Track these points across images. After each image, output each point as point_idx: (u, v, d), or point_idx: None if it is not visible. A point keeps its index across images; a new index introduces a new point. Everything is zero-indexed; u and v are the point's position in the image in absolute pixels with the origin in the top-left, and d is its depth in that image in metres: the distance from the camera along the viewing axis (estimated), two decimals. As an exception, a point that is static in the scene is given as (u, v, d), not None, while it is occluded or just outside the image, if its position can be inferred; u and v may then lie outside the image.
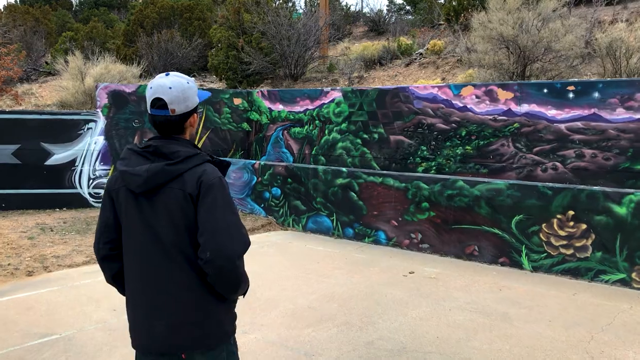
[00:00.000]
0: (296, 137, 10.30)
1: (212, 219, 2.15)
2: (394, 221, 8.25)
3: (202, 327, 2.25)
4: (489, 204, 7.35)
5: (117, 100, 10.52)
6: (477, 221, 7.47)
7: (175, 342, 2.24)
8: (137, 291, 2.30)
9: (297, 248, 8.21)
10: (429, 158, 8.71)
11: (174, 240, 2.20)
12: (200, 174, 2.20)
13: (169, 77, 2.27)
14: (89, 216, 9.76)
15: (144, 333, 2.29)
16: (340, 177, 8.79)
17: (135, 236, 2.26)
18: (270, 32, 15.90)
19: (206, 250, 2.13)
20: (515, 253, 7.18)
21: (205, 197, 2.17)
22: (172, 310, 2.23)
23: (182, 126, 2.30)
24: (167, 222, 2.20)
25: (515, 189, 7.15)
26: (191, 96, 2.29)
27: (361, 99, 9.40)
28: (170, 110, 2.23)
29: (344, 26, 25.30)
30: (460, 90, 8.44)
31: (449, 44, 14.57)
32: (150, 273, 2.25)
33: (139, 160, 2.23)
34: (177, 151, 2.22)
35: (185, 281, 2.22)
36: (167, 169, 2.18)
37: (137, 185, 2.19)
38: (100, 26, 29.07)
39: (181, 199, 2.18)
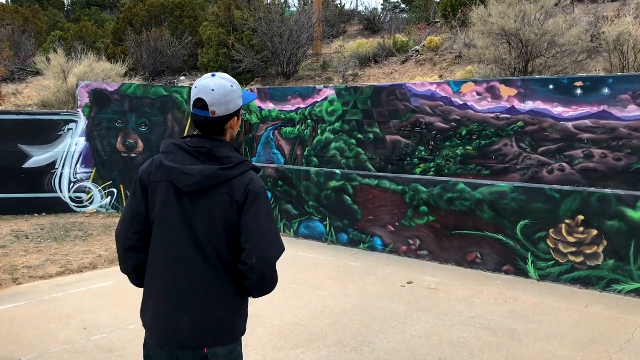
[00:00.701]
0: (288, 137, 9.80)
1: (259, 228, 2.23)
2: (390, 226, 7.76)
3: (225, 324, 2.32)
4: (492, 208, 6.87)
5: (99, 99, 10.01)
6: (479, 226, 6.99)
7: (198, 336, 2.28)
8: (165, 284, 2.31)
9: (288, 256, 7.66)
10: (428, 159, 8.23)
11: (212, 240, 2.25)
12: (248, 181, 2.26)
13: (214, 78, 2.29)
14: (69, 222, 9.24)
15: (167, 326, 2.30)
16: (333, 180, 8.30)
17: (171, 231, 2.28)
18: (261, 29, 15.39)
19: (252, 257, 2.20)
20: (520, 261, 6.70)
21: (252, 206, 2.23)
22: (199, 306, 2.27)
23: (222, 128, 2.34)
24: (208, 223, 2.24)
25: (520, 192, 6.67)
26: (234, 99, 2.31)
27: (355, 97, 8.91)
28: (210, 112, 2.26)
29: (339, 25, 24.82)
30: (460, 87, 7.96)
31: (446, 40, 14.09)
32: (180, 268, 2.27)
33: (187, 158, 2.27)
34: (229, 157, 2.27)
35: (215, 280, 2.27)
36: (220, 173, 2.23)
37: (188, 184, 2.22)
38: (90, 25, 28.53)
39: (227, 204, 2.23)
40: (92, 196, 10.07)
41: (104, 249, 7.63)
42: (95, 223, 9.21)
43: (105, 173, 10.09)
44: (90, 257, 7.28)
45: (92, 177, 10.05)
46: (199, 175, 2.21)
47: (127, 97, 10.10)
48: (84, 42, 26.45)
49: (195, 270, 2.27)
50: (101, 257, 7.27)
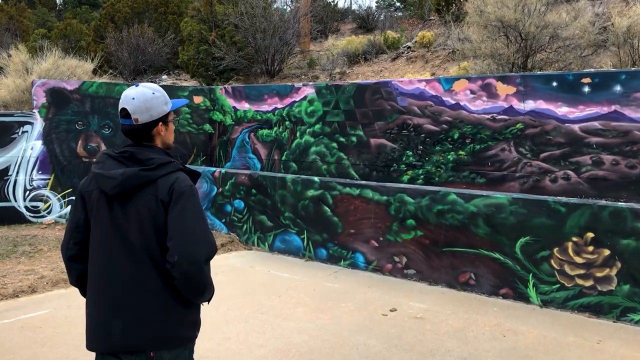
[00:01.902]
0: (264, 140, 8.93)
1: (181, 225, 2.22)
2: (374, 241, 6.89)
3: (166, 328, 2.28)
4: (487, 223, 6.01)
5: (57, 99, 9.10)
6: (473, 243, 6.13)
7: (132, 341, 2.26)
8: (100, 290, 2.33)
9: (258, 275, 6.83)
10: (416, 165, 7.37)
11: (142, 243, 2.26)
12: (172, 181, 2.28)
13: (137, 87, 2.37)
14: (21, 235, 8.34)
15: (102, 332, 2.31)
16: (311, 188, 7.43)
17: (103, 237, 2.32)
18: (243, 25, 14.51)
19: (174, 254, 2.19)
20: (520, 283, 5.83)
21: (176, 204, 2.24)
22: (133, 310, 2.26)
23: (149, 134, 2.38)
24: (137, 225, 2.26)
25: (520, 204, 5.81)
26: (155, 106, 2.36)
27: (337, 96, 8.04)
28: (133, 119, 2.33)
29: (331, 23, 23.97)
30: (452, 84, 7.10)
31: (439, 36, 13.23)
32: (116, 273, 2.29)
33: (114, 165, 2.32)
34: (151, 158, 2.31)
35: (149, 283, 2.26)
36: (141, 174, 2.26)
37: (112, 187, 2.26)
38: (75, 23, 27.60)
39: (153, 204, 2.26)
40: (50, 205, 9.18)
41: (50, 268, 6.75)
42: (49, 236, 8.32)
43: (64, 180, 9.20)
44: (32, 278, 6.39)
45: (49, 185, 9.15)
46: (120, 177, 2.25)
47: (89, 96, 9.21)
48: (69, 40, 25.52)
49: (129, 275, 2.27)
50: (43, 279, 6.38)
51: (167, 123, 2.44)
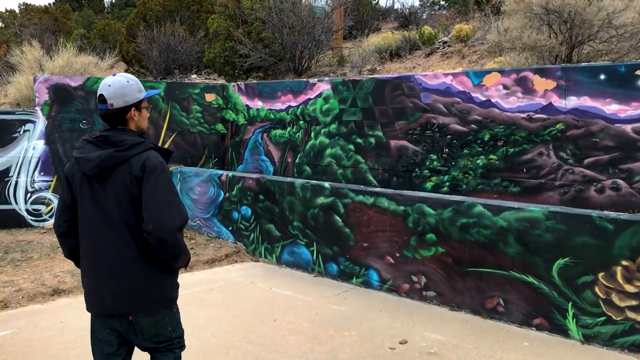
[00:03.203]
0: (277, 141, 8.18)
1: (154, 197, 2.48)
2: (389, 257, 6.04)
3: (145, 294, 2.57)
4: (519, 240, 5.09)
5: (61, 96, 8.58)
6: (502, 263, 5.22)
7: (120, 305, 2.56)
8: (90, 262, 2.61)
9: (258, 292, 6.07)
10: (441, 170, 6.49)
11: (120, 216, 2.54)
12: (144, 159, 2.53)
13: (114, 77, 2.64)
14: (16, 240, 7.83)
15: (95, 298, 2.62)
16: (321, 195, 6.63)
17: (88, 213, 2.58)
18: (271, 21, 13.82)
19: (149, 224, 2.45)
20: (557, 313, 4.89)
21: (149, 179, 2.49)
22: (118, 279, 2.55)
23: (123, 118, 2.64)
24: (115, 201, 2.53)
25: (557, 219, 4.87)
26: (130, 93, 2.62)
27: (354, 93, 7.22)
28: (109, 104, 2.59)
29: (372, 21, 23.10)
30: (482, 78, 6.18)
31: (478, 29, 12.21)
32: (101, 245, 2.57)
33: (92, 148, 2.57)
34: (124, 139, 2.56)
35: (130, 253, 2.55)
36: (115, 154, 2.52)
37: (90, 168, 2.52)
38: (112, 23, 27.60)
39: (127, 181, 2.51)
40: (52, 208, 8.66)
41: (32, 279, 6.16)
42: (45, 242, 7.77)
43: (67, 182, 8.65)
44: (8, 290, 5.81)
45: (52, 187, 8.64)
46: (97, 159, 2.51)
47: (94, 93, 8.64)
48: (107, 40, 25.46)
49: (110, 245, 2.55)
50: (20, 292, 5.79)
51: (140, 109, 2.69)
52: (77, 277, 6.28)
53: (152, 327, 2.62)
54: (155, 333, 2.65)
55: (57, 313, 5.37)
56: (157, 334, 2.66)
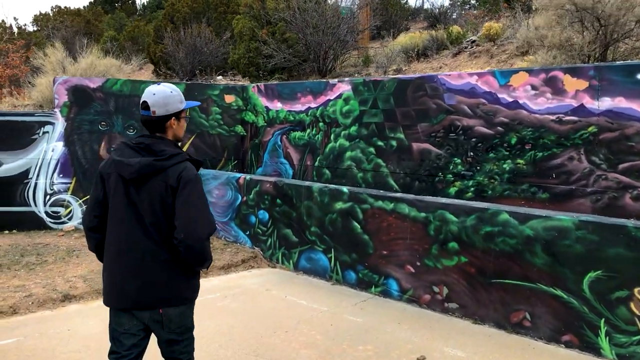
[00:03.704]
0: (296, 143, 7.96)
1: (187, 208, 2.66)
2: (409, 266, 5.77)
3: (168, 291, 2.76)
4: (547, 251, 4.76)
5: (80, 97, 8.51)
6: (529, 275, 4.90)
7: (144, 299, 2.75)
8: (118, 258, 2.78)
9: (272, 301, 5.85)
10: (465, 175, 6.18)
11: (152, 220, 2.72)
12: (181, 170, 2.70)
13: (158, 86, 2.83)
14: (34, 243, 7.77)
15: (118, 292, 2.79)
16: (339, 200, 6.38)
17: (121, 213, 2.75)
18: (294, 21, 13.62)
19: (181, 232, 2.64)
20: (588, 329, 4.56)
21: (183, 189, 2.67)
22: (144, 275, 2.73)
23: (163, 126, 2.82)
24: (148, 205, 2.71)
25: (589, 229, 4.53)
26: (172, 103, 2.80)
27: (375, 94, 6.95)
28: (151, 111, 2.77)
29: (401, 21, 22.73)
30: (508, 78, 5.86)
31: (507, 28, 11.81)
32: (131, 244, 2.74)
33: (131, 153, 2.74)
34: (164, 150, 2.73)
35: (157, 253, 2.73)
36: (154, 163, 2.69)
37: (129, 173, 2.70)
38: (142, 26, 27.79)
39: (163, 189, 2.69)
40: (71, 211, 8.60)
41: (43, 284, 6.05)
42: (62, 245, 7.70)
43: (86, 184, 8.59)
44: (19, 295, 5.70)
45: (71, 189, 8.57)
46: (137, 165, 2.68)
47: (113, 94, 8.57)
48: (136, 42, 25.64)
49: (141, 245, 2.73)
50: (30, 297, 5.68)
51: (179, 119, 2.87)
52: (88, 282, 6.16)
53: (179, 317, 2.82)
54: (180, 324, 2.85)
55: (65, 320, 5.24)
56: (182, 324, 2.86)
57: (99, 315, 5.35)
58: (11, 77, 15.35)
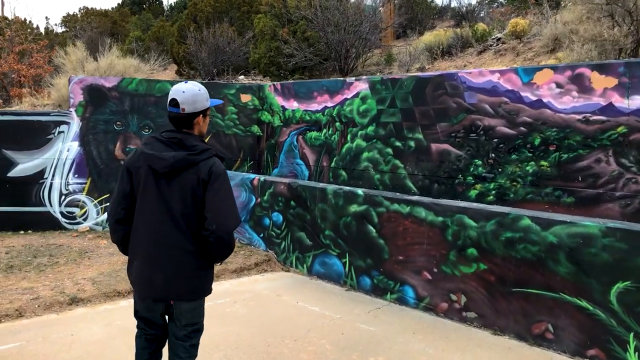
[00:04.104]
0: (313, 144, 7.75)
1: (218, 201, 2.79)
2: (426, 272, 5.51)
3: (192, 282, 2.89)
4: (571, 259, 4.47)
5: (95, 97, 8.43)
6: (552, 284, 4.61)
7: (169, 291, 2.85)
8: (145, 249, 2.88)
9: (282, 307, 5.65)
10: (487, 177, 5.90)
11: (182, 211, 2.82)
12: (211, 164, 2.84)
13: (187, 84, 2.93)
14: (47, 243, 7.70)
15: (146, 283, 2.89)
16: (354, 203, 6.16)
17: (150, 206, 2.86)
18: (317, 20, 13.42)
19: (212, 223, 2.75)
20: (615, 344, 4.25)
21: (214, 183, 2.80)
22: (171, 266, 2.83)
23: (190, 122, 2.92)
24: (179, 198, 2.82)
25: (617, 236, 4.23)
26: (200, 100, 2.91)
27: (393, 92, 6.70)
28: (181, 109, 2.87)
29: (427, 20, 22.34)
30: (532, 76, 5.56)
31: (534, 24, 11.42)
32: (160, 236, 2.84)
33: (162, 147, 2.86)
34: (196, 145, 2.85)
35: (186, 245, 2.84)
36: (188, 158, 2.81)
37: (162, 166, 2.80)
38: (167, 26, 27.89)
39: (195, 182, 2.81)
40: (86, 211, 8.53)
41: (53, 286, 5.95)
42: (75, 246, 7.61)
43: (101, 184, 8.51)
44: (26, 298, 5.60)
45: (86, 189, 8.50)
46: (171, 159, 2.80)
47: (128, 94, 8.47)
48: (161, 42, 25.72)
49: (168, 236, 2.83)
50: (38, 299, 5.57)
51: (205, 116, 2.98)
52: (97, 284, 6.04)
53: (190, 313, 2.92)
54: (191, 320, 2.95)
55: (70, 325, 5.11)
56: (193, 321, 2.96)
57: (104, 319, 5.22)
58: (35, 77, 15.46)
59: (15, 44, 16.63)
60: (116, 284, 6.07)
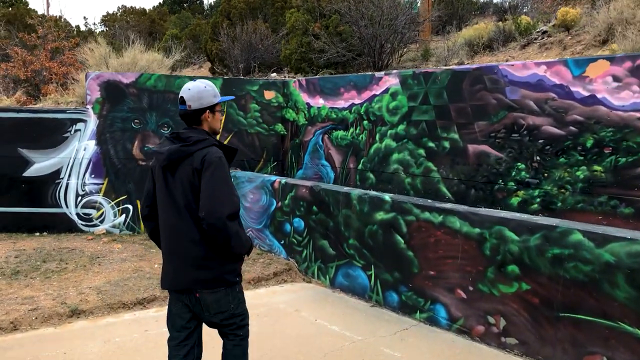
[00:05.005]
0: (339, 144, 7.18)
1: (209, 187, 2.83)
2: (460, 290, 4.89)
3: (204, 273, 2.92)
4: (632, 282, 3.79)
5: (112, 93, 8.04)
6: (608, 311, 3.93)
7: (184, 281, 2.95)
8: (165, 242, 3.04)
9: (298, 325, 5.10)
10: (531, 183, 5.22)
11: (184, 203, 2.91)
12: (205, 153, 2.88)
13: (194, 82, 3.05)
14: (60, 247, 7.34)
15: (166, 274, 3.04)
16: (381, 210, 5.56)
17: (162, 200, 3.00)
18: (350, 13, 12.82)
19: (202, 211, 2.82)
20: (687, 386, 3.56)
21: (206, 171, 2.84)
22: (182, 257, 2.95)
23: (198, 119, 3.03)
24: (181, 190, 2.91)
25: (690, 257, 3.53)
26: (205, 97, 3.01)
27: (426, 88, 6.08)
28: (187, 105, 3.00)
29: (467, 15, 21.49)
30: (584, 68, 4.86)
31: (585, 14, 10.56)
32: (171, 228, 2.97)
33: (167, 143, 3.00)
34: (190, 136, 2.95)
35: (193, 236, 2.91)
36: (181, 149, 2.90)
37: (161, 160, 2.95)
38: (203, 24, 27.75)
39: (190, 172, 2.88)
40: (103, 213, 8.16)
41: (55, 295, 5.55)
42: (89, 250, 7.23)
43: (118, 185, 8.13)
44: (24, 309, 5.21)
45: (103, 190, 8.13)
46: (167, 152, 2.92)
47: (146, 90, 8.05)
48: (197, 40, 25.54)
49: (177, 228, 2.95)
50: (36, 310, 5.17)
51: (214, 112, 3.09)
52: (102, 294, 5.62)
53: (216, 303, 2.95)
54: (218, 309, 2.97)
55: (65, 340, 4.68)
56: (220, 310, 2.97)
57: (103, 335, 4.78)
58: (65, 75, 15.32)
59: (48, 41, 16.56)
60: (122, 295, 5.63)
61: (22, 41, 16.22)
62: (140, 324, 5.08)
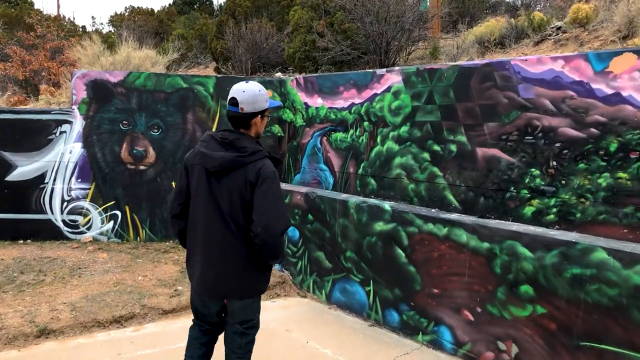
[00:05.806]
0: (338, 146, 6.68)
1: (265, 203, 2.81)
2: (467, 312, 4.37)
3: (240, 282, 2.93)
4: (667, 311, 3.26)
5: (99, 93, 7.59)
6: (636, 341, 3.41)
7: (219, 289, 2.95)
8: (200, 246, 2.97)
9: (288, 349, 4.61)
10: (546, 191, 4.69)
11: (229, 211, 2.87)
12: (260, 167, 2.85)
13: (247, 84, 2.99)
14: (42, 256, 6.89)
15: (200, 279, 2.98)
16: (380, 220, 5.06)
17: (202, 203, 2.94)
18: (355, 10, 12.30)
19: (257, 226, 2.79)
20: None
21: (262, 185, 2.82)
22: (220, 264, 2.91)
23: (248, 123, 3.00)
24: (228, 197, 2.87)
25: None
26: (259, 101, 2.99)
27: (431, 86, 5.56)
28: (240, 108, 2.95)
29: (479, 14, 20.93)
30: (607, 62, 4.32)
31: (601, 9, 9.98)
32: (212, 232, 2.92)
33: (216, 146, 2.93)
34: (246, 147, 2.88)
35: (234, 243, 2.89)
36: (237, 159, 2.86)
37: (212, 166, 2.89)
38: (210, 23, 27.39)
39: (242, 183, 2.84)
40: (90, 220, 7.71)
41: (25, 312, 5.09)
42: (70, 259, 6.78)
43: (106, 190, 7.68)
44: (-14, 329, 4.75)
45: (90, 195, 7.68)
46: (220, 159, 2.86)
47: (135, 90, 7.59)
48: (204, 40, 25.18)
49: (219, 235, 2.90)
50: (1, 330, 4.71)
51: (263, 117, 3.08)
52: (76, 311, 5.15)
53: (243, 311, 2.99)
54: (244, 317, 3.01)
55: (27, 367, 4.22)
56: (245, 318, 3.02)
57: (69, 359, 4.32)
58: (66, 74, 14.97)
59: (47, 41, 16.21)
60: (98, 311, 5.17)
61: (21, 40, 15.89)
62: (113, 346, 4.61)
